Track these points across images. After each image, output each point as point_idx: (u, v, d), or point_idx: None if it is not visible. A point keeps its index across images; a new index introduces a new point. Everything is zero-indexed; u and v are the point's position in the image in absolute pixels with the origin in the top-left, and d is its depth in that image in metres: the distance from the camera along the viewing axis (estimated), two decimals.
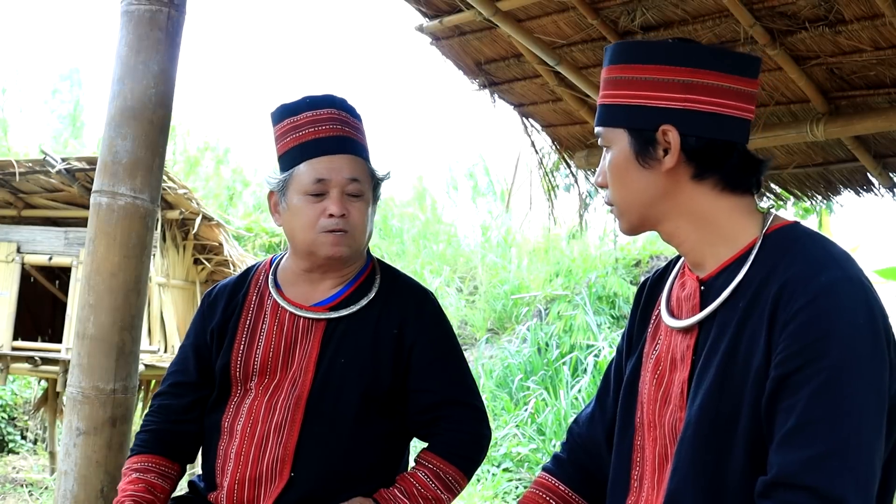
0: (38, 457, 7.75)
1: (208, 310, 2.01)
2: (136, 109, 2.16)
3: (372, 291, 1.96)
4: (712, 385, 1.28)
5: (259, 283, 2.01)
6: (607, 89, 1.40)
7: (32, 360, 5.92)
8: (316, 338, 1.91)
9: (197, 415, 1.98)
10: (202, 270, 6.58)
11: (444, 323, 2.02)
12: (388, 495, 1.87)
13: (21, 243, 6.14)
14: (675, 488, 1.30)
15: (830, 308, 1.20)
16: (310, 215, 1.88)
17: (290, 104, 1.96)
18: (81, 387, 2.11)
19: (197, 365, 1.98)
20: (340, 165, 1.89)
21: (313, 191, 1.88)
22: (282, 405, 1.87)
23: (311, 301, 1.95)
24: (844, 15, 2.72)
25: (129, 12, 2.20)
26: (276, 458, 1.85)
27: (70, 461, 2.09)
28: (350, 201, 1.89)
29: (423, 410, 1.94)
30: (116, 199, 2.13)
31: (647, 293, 1.56)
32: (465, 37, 3.57)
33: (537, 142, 4.10)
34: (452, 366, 1.99)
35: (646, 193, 1.37)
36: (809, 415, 1.17)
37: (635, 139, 1.36)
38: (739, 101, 1.35)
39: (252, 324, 1.95)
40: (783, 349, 1.21)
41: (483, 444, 1.99)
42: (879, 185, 3.51)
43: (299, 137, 1.91)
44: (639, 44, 1.43)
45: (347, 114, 1.96)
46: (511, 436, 7.23)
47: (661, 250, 9.28)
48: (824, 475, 1.15)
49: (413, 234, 11.52)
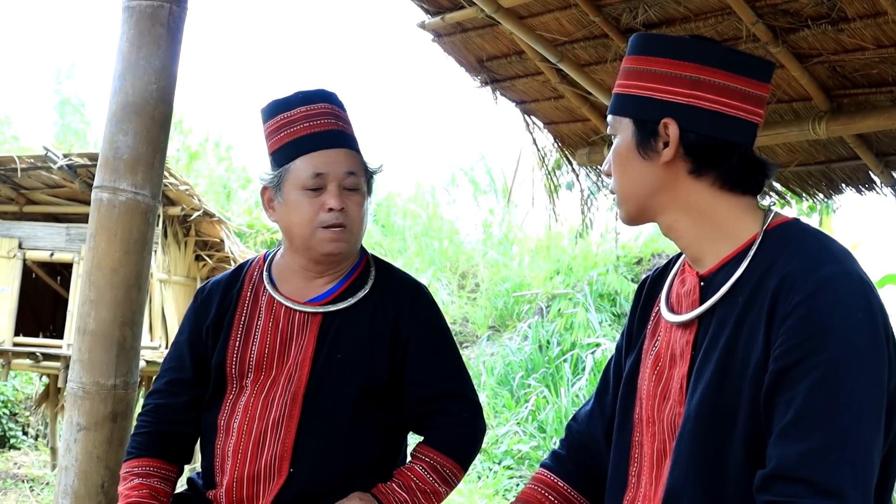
0: (39, 452, 7.76)
1: (202, 306, 2.00)
2: (138, 105, 2.16)
3: (367, 286, 1.96)
4: (711, 379, 1.28)
5: (253, 278, 2.00)
6: (622, 79, 1.42)
7: (34, 356, 5.92)
8: (312, 333, 1.91)
9: (193, 416, 1.97)
10: (203, 267, 6.59)
11: (438, 317, 2.03)
12: (386, 490, 1.87)
13: (22, 239, 6.14)
14: (675, 483, 1.30)
15: (829, 302, 1.20)
16: (308, 210, 1.88)
17: (282, 99, 1.96)
18: (82, 382, 2.11)
19: (193, 361, 1.97)
20: (338, 159, 1.89)
21: (311, 185, 1.87)
22: (279, 401, 1.87)
23: (306, 297, 1.95)
24: (847, 13, 2.71)
25: (131, 8, 2.20)
26: (274, 454, 1.85)
27: (71, 456, 2.09)
28: (347, 195, 1.90)
29: (418, 403, 1.94)
30: (117, 194, 2.13)
31: (647, 290, 1.56)
32: (466, 34, 3.57)
33: (539, 139, 4.10)
34: (447, 359, 1.99)
35: (644, 184, 1.38)
36: (808, 408, 1.17)
37: (638, 130, 1.37)
38: (746, 102, 1.35)
39: (247, 320, 1.95)
40: (782, 343, 1.21)
41: (478, 437, 1.99)
42: (881, 184, 3.50)
43: (294, 132, 1.91)
44: (654, 36, 1.44)
45: (339, 108, 1.97)
46: (512, 433, 7.23)
47: (663, 248, 9.27)
48: (822, 468, 1.15)
49: (415, 232, 11.52)
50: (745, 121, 1.35)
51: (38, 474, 6.69)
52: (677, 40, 1.39)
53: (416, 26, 3.62)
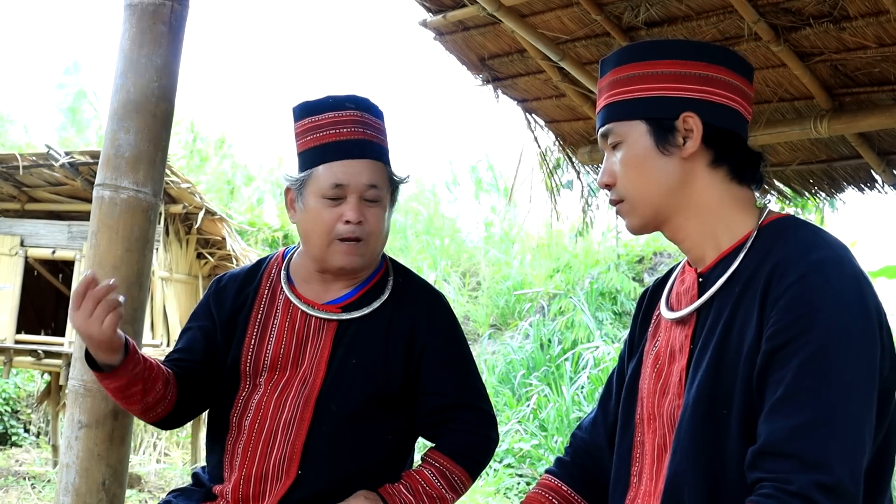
0: (40, 450, 7.77)
1: (216, 296, 2.00)
2: (139, 103, 2.15)
3: (385, 293, 1.95)
4: (708, 367, 1.30)
5: (271, 276, 1.99)
6: (617, 87, 1.43)
7: (35, 354, 5.93)
8: (328, 337, 1.90)
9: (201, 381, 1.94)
10: (205, 265, 6.59)
11: (455, 326, 2.01)
12: (392, 490, 1.86)
13: (24, 237, 6.15)
14: (676, 470, 1.31)
15: (820, 284, 1.22)
16: (326, 220, 1.86)
17: (312, 102, 1.93)
18: (83, 380, 2.11)
19: (204, 345, 1.96)
20: (360, 170, 1.86)
21: (331, 195, 1.85)
22: (291, 403, 1.86)
23: (323, 299, 1.94)
24: (849, 11, 2.71)
25: (133, 6, 2.19)
26: (283, 455, 1.84)
27: (72, 454, 2.09)
28: (367, 207, 1.87)
29: (432, 412, 1.94)
30: (119, 192, 2.13)
31: (649, 299, 1.60)
32: (468, 32, 3.57)
33: (540, 138, 4.10)
34: (462, 369, 1.98)
35: (664, 182, 1.40)
36: (796, 385, 1.18)
37: (654, 128, 1.39)
38: (744, 98, 1.42)
39: (263, 318, 1.94)
40: (773, 324, 1.23)
41: (490, 447, 1.98)
42: (883, 183, 3.50)
43: (320, 138, 1.88)
44: (652, 42, 1.49)
45: (370, 115, 1.92)
46: (513, 432, 7.23)
47: (665, 247, 9.27)
48: (810, 443, 1.16)
49: (416, 230, 11.53)
50: (744, 116, 1.42)
51: (40, 472, 6.70)
52: (678, 43, 1.46)
53: (418, 24, 3.62)
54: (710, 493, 1.27)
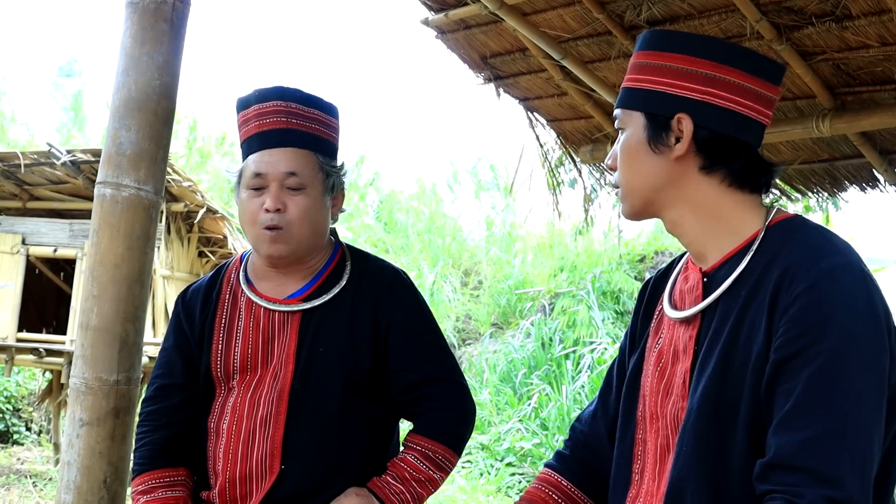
0: (42, 448, 7.78)
1: (185, 311, 2.01)
2: (141, 101, 2.15)
3: (343, 278, 1.95)
4: (714, 372, 1.28)
5: (231, 280, 2.00)
6: (633, 73, 1.42)
7: (37, 352, 5.94)
8: (293, 330, 1.91)
9: (189, 415, 1.97)
10: (206, 263, 6.60)
11: (418, 301, 2.01)
12: (381, 483, 1.87)
13: (26, 235, 6.16)
14: (678, 475, 1.30)
15: (830, 293, 1.20)
16: (250, 210, 1.88)
17: (243, 97, 1.96)
18: (85, 378, 2.10)
19: (184, 366, 1.97)
20: (278, 159, 1.87)
21: (253, 185, 1.88)
22: (265, 400, 1.87)
23: (283, 294, 1.94)
24: (851, 10, 2.71)
25: (134, 3, 2.19)
26: (264, 452, 1.85)
27: (73, 452, 2.09)
28: (289, 195, 1.87)
29: (404, 390, 1.94)
30: (120, 190, 2.13)
31: (651, 290, 1.57)
32: (470, 30, 3.57)
33: (542, 136, 4.10)
34: (430, 343, 1.98)
35: (652, 179, 1.38)
36: (807, 397, 1.17)
37: (650, 123, 1.37)
38: (758, 103, 1.36)
39: (228, 322, 1.95)
40: (783, 333, 1.21)
41: (468, 419, 1.99)
42: (885, 182, 3.50)
43: (247, 131, 1.93)
44: (669, 33, 1.44)
45: (298, 104, 1.92)
46: (514, 430, 7.24)
47: (667, 246, 9.27)
48: (821, 456, 1.14)
49: (418, 229, 11.53)
50: (755, 121, 1.36)
51: (41, 470, 6.70)
52: (693, 37, 1.40)
53: (420, 23, 3.62)
54: (713, 499, 1.26)
